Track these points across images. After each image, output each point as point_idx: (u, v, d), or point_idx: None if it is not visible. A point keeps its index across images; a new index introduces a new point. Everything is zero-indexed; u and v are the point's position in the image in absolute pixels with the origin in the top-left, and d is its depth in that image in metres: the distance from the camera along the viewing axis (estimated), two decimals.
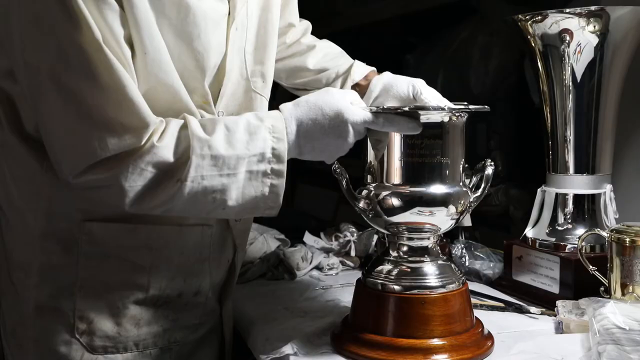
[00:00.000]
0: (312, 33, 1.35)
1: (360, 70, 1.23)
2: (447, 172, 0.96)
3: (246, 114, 0.95)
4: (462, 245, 1.42)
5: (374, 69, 1.25)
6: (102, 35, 0.84)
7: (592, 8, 1.18)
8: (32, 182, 0.96)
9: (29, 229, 0.98)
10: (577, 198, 1.26)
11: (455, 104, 1.01)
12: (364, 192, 0.99)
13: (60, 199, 0.96)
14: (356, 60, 1.26)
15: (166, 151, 0.88)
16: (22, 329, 1.01)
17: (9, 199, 1.00)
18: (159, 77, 0.91)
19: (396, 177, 0.97)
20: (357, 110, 0.93)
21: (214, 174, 0.89)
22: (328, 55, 1.28)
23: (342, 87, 1.22)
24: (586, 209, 1.26)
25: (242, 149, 0.90)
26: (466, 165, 1.00)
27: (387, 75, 1.19)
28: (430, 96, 1.10)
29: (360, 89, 1.20)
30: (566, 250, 1.23)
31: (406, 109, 0.96)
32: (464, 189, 0.98)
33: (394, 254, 1.00)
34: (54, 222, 0.97)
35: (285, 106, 0.95)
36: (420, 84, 1.13)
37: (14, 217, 1.00)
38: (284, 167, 0.92)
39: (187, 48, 0.94)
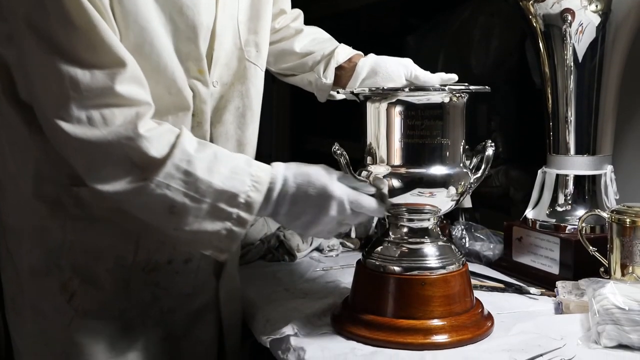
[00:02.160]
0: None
1: (345, 52, 1.21)
2: (448, 153, 0.96)
3: (242, 155, 0.94)
4: (462, 227, 1.42)
5: (360, 52, 1.22)
6: None
7: None
8: (23, 146, 0.97)
9: (21, 194, 0.99)
10: (578, 179, 1.26)
11: (455, 85, 1.00)
12: (364, 173, 0.99)
13: (48, 163, 0.96)
14: (341, 44, 1.24)
15: (147, 144, 0.86)
16: (20, 297, 1.02)
17: (3, 165, 1.01)
18: (135, 31, 0.90)
19: (396, 159, 0.96)
20: (343, 187, 0.93)
21: (179, 189, 0.87)
22: (315, 39, 1.27)
23: (325, 69, 1.20)
24: (587, 190, 1.26)
25: (218, 181, 0.88)
26: (466, 147, 0.99)
27: (373, 56, 1.17)
28: (428, 77, 1.09)
29: (345, 71, 1.19)
30: (566, 231, 1.23)
31: (406, 90, 0.96)
32: (464, 170, 0.98)
33: (394, 235, 1.00)
34: (42, 186, 0.98)
35: (278, 164, 0.94)
36: (411, 65, 1.12)
37: (7, 183, 1.01)
38: (250, 218, 0.90)
39: (176, 4, 0.93)
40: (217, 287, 1.13)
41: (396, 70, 1.12)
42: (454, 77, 1.06)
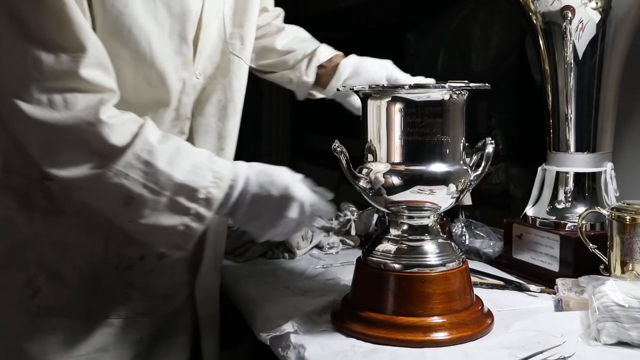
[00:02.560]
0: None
1: (326, 52, 1.22)
2: (448, 150, 0.96)
3: (205, 151, 0.93)
4: (462, 224, 1.42)
5: (340, 53, 1.24)
6: None
7: None
8: None
9: None
10: (578, 176, 1.26)
11: (455, 82, 1.00)
12: (364, 170, 0.99)
13: (17, 154, 0.95)
14: (322, 44, 1.25)
15: (108, 131, 0.85)
16: None
17: None
18: (112, 15, 0.88)
19: (396, 156, 0.96)
20: (305, 189, 0.93)
21: (138, 180, 0.86)
22: (297, 38, 1.28)
23: (307, 67, 1.21)
24: (587, 187, 1.26)
25: (179, 175, 0.87)
26: (466, 144, 0.99)
27: (355, 57, 1.18)
28: (407, 81, 1.10)
29: (325, 70, 1.20)
30: (566, 229, 1.23)
31: (407, 87, 0.96)
32: (465, 168, 0.98)
33: (395, 232, 1.00)
34: (10, 176, 0.96)
35: (240, 163, 0.93)
36: (391, 67, 1.13)
37: None
38: (209, 215, 0.89)
39: None
40: (193, 286, 1.10)
41: (377, 71, 1.13)
42: (432, 81, 1.08)
